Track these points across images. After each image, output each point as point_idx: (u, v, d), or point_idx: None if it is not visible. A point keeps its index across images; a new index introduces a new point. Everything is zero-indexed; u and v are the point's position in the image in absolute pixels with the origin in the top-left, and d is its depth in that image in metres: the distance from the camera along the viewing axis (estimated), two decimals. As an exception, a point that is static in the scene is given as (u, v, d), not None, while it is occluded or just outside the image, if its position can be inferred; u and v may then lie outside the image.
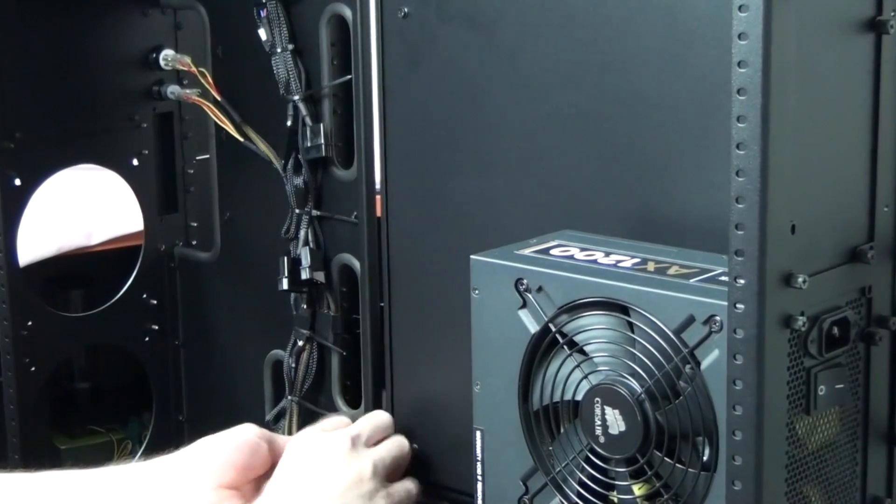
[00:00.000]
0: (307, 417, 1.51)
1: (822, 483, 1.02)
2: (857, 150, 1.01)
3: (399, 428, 1.42)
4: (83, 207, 1.77)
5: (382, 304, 1.42)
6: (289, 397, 1.52)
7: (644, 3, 1.16)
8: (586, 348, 1.06)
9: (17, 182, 1.52)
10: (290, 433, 1.50)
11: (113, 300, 1.65)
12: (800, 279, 0.94)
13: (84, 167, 1.64)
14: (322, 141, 1.44)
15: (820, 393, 0.98)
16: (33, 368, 1.56)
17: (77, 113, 1.58)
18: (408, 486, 1.35)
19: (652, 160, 1.17)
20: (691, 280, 1.03)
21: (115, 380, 1.80)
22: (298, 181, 1.46)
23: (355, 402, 1.48)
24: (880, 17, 0.99)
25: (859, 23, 0.99)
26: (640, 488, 1.05)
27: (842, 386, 1.01)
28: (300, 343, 1.50)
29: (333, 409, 1.50)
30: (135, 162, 1.64)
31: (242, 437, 1.33)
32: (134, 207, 1.67)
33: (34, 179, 1.54)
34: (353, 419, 1.47)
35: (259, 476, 1.33)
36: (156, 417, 1.69)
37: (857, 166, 1.02)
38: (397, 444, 1.37)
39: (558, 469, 1.10)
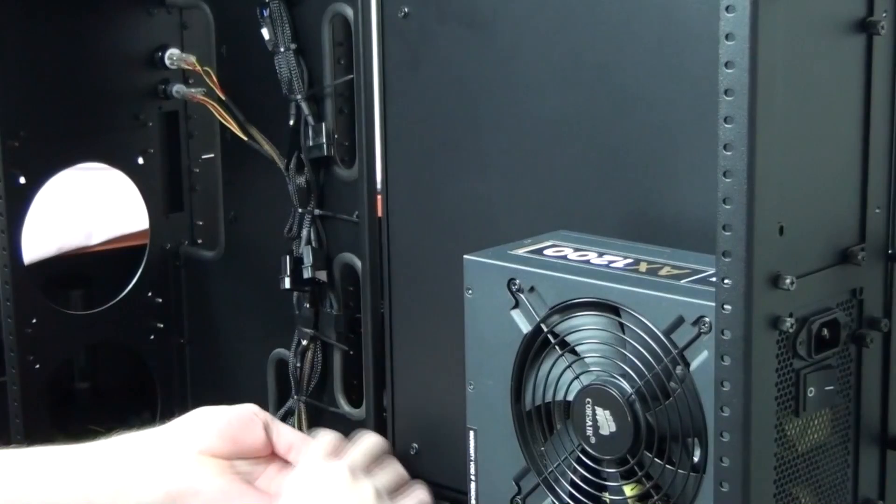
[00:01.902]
0: (314, 416, 1.52)
1: (812, 485, 1.02)
2: (848, 152, 1.01)
3: (399, 427, 1.43)
4: (83, 207, 1.78)
5: (383, 304, 1.42)
6: (295, 397, 1.52)
7: (640, 4, 1.16)
8: (578, 349, 1.06)
9: (22, 180, 1.53)
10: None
11: (118, 298, 1.65)
12: (787, 280, 0.94)
13: (84, 167, 1.65)
14: (324, 140, 1.44)
15: (809, 395, 0.98)
16: (38, 366, 1.57)
17: (82, 112, 1.59)
18: (420, 497, 1.35)
19: (648, 161, 1.17)
20: (682, 281, 1.03)
21: (116, 379, 1.81)
22: (301, 180, 1.47)
23: (359, 402, 1.48)
24: (871, 18, 0.99)
25: (850, 23, 0.99)
26: (631, 489, 1.05)
27: (832, 388, 1.00)
28: (304, 342, 1.50)
29: (337, 408, 1.50)
30: (140, 161, 1.65)
31: (236, 412, 1.34)
32: (134, 207, 1.67)
33: (39, 178, 1.54)
34: (356, 419, 1.47)
35: (258, 457, 1.34)
36: (160, 415, 1.69)
37: (848, 168, 1.01)
38: (394, 470, 1.37)
39: (550, 469, 1.10)
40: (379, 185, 1.41)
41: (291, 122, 1.46)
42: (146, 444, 1.31)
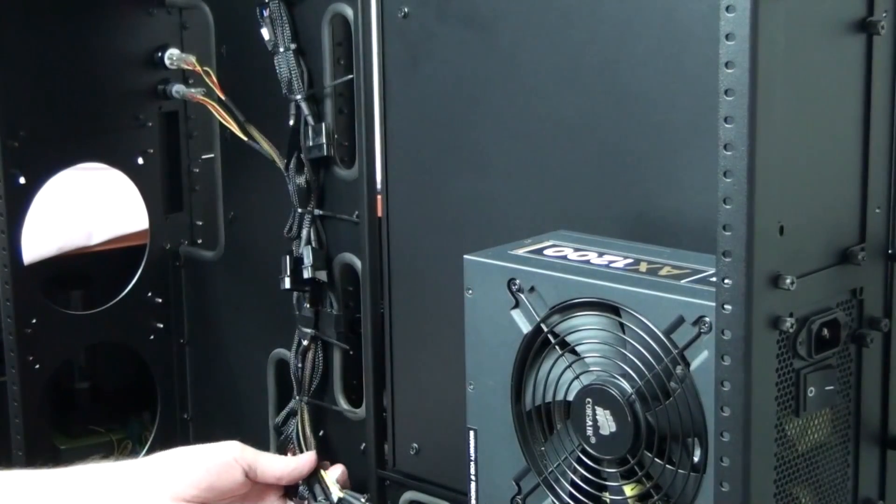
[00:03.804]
0: (316, 416, 1.52)
1: (812, 485, 1.02)
2: (848, 152, 1.01)
3: (399, 427, 1.43)
4: (83, 207, 1.78)
5: (383, 304, 1.42)
6: (297, 397, 1.52)
7: (641, 4, 1.16)
8: (578, 348, 1.06)
9: (22, 180, 1.53)
10: (300, 433, 1.51)
11: (118, 298, 1.65)
12: (787, 280, 0.94)
13: (84, 167, 1.65)
14: (324, 140, 1.44)
15: (809, 394, 0.98)
16: (37, 366, 1.57)
17: (82, 112, 1.59)
18: None
19: (648, 161, 1.17)
20: (682, 281, 1.03)
21: (116, 379, 1.81)
22: (301, 180, 1.47)
23: (359, 402, 1.48)
24: (871, 18, 0.99)
25: (850, 23, 0.99)
26: (631, 489, 1.05)
27: (832, 388, 1.00)
28: (304, 343, 1.50)
29: (337, 408, 1.50)
30: (140, 161, 1.65)
31: (216, 459, 1.33)
32: (134, 207, 1.67)
33: (38, 178, 1.55)
34: (356, 419, 1.47)
35: (239, 495, 1.35)
36: (160, 416, 1.69)
37: (848, 168, 1.01)
38: None
39: (550, 469, 1.10)
40: (379, 185, 1.41)
41: (291, 122, 1.46)
42: (120, 483, 1.29)
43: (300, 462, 1.43)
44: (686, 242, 1.12)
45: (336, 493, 1.42)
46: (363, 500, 1.42)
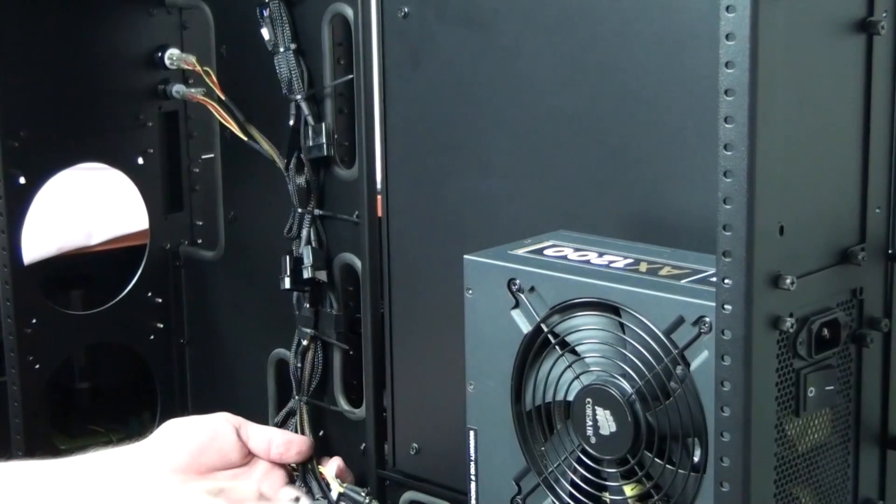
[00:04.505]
0: (315, 416, 1.52)
1: (812, 485, 1.02)
2: (848, 152, 1.01)
3: (399, 427, 1.43)
4: (83, 207, 1.78)
5: (383, 304, 1.42)
6: (296, 397, 1.52)
7: (641, 4, 1.16)
8: (578, 349, 1.06)
9: (22, 180, 1.53)
10: (299, 433, 1.51)
11: (118, 298, 1.65)
12: (787, 280, 0.94)
13: (84, 167, 1.65)
14: (324, 140, 1.44)
15: (809, 394, 0.98)
16: (37, 366, 1.57)
17: (82, 112, 1.59)
18: None
19: (648, 161, 1.17)
20: (682, 281, 1.03)
21: (116, 379, 1.81)
22: (301, 180, 1.47)
23: (359, 402, 1.48)
24: (872, 18, 0.99)
25: (850, 23, 0.99)
26: (631, 489, 1.05)
27: (832, 388, 1.00)
28: (304, 343, 1.50)
29: (337, 408, 1.50)
30: (140, 161, 1.65)
31: (205, 425, 1.33)
32: (134, 207, 1.67)
33: (39, 178, 1.54)
34: (356, 419, 1.47)
35: (236, 466, 1.34)
36: (160, 416, 1.69)
37: (848, 168, 1.01)
38: None
39: (550, 469, 1.10)
40: (379, 185, 1.41)
41: (291, 122, 1.46)
42: (118, 465, 1.29)
43: (294, 435, 1.42)
44: (686, 242, 1.12)
45: (336, 487, 1.42)
46: (364, 493, 1.42)
